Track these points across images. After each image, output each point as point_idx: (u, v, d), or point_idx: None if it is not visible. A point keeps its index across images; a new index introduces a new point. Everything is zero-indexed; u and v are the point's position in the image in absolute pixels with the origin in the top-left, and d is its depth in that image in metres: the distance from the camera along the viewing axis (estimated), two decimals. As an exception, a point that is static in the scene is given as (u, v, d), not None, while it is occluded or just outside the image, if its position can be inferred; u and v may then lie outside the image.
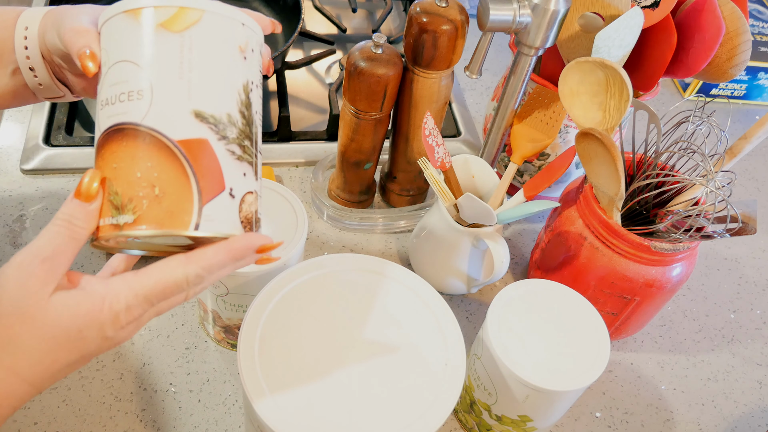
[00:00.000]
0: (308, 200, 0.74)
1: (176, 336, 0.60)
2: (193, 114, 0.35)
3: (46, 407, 0.54)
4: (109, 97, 0.36)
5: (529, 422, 0.51)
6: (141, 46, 0.35)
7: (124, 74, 0.35)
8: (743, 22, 0.57)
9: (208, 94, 0.36)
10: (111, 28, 0.37)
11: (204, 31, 0.36)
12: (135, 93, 0.35)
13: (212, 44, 0.36)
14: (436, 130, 0.59)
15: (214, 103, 0.36)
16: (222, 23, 0.37)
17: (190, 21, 0.35)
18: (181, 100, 0.35)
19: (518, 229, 0.76)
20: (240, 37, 0.38)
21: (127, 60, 0.35)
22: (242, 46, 0.38)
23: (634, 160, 0.60)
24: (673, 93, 1.00)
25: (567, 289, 0.53)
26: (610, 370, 0.65)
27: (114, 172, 0.35)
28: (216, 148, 0.35)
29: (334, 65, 0.91)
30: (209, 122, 0.35)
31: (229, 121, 0.36)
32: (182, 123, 0.35)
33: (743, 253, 0.79)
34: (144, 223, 0.34)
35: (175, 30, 0.35)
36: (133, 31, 0.35)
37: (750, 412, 0.63)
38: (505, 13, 0.55)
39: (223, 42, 0.37)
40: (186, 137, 0.34)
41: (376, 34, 0.60)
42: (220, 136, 0.36)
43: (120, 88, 0.35)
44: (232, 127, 0.36)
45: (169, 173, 0.34)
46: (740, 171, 0.90)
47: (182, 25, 0.35)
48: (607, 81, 0.53)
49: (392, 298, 0.47)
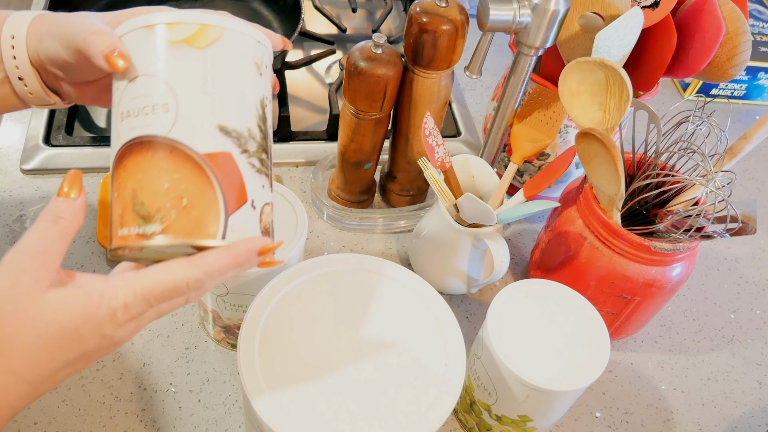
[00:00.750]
0: (308, 200, 0.74)
1: (176, 336, 0.60)
2: (217, 128, 0.36)
3: (46, 407, 0.54)
4: (131, 109, 0.36)
5: (529, 422, 0.51)
6: (165, 61, 0.36)
7: (147, 88, 0.36)
8: (743, 22, 0.57)
9: (230, 108, 0.37)
10: (133, 42, 0.37)
11: (225, 48, 0.37)
12: (160, 107, 0.35)
13: (232, 61, 0.37)
14: (436, 130, 0.59)
15: (236, 118, 0.37)
16: (241, 40, 0.38)
17: (213, 38, 0.36)
18: (205, 114, 0.36)
19: (518, 229, 0.76)
20: (257, 54, 0.39)
21: (150, 74, 0.36)
22: (258, 63, 0.39)
23: (634, 160, 0.60)
24: (673, 93, 1.00)
25: (567, 289, 0.53)
26: (610, 370, 0.65)
27: (139, 183, 0.35)
28: (239, 161, 0.36)
29: (334, 65, 0.91)
30: (232, 136, 0.36)
31: (250, 135, 0.37)
32: (207, 136, 0.36)
33: (743, 253, 0.79)
34: (172, 232, 0.34)
35: (198, 46, 0.36)
36: (157, 45, 0.36)
37: (750, 412, 0.64)
38: (505, 13, 0.55)
39: (242, 58, 0.38)
40: (211, 150, 0.35)
41: (376, 34, 0.60)
42: (242, 150, 0.37)
43: (143, 101, 0.36)
44: (252, 141, 0.37)
45: (196, 185, 0.35)
46: (740, 171, 0.90)
47: (205, 42, 0.36)
48: (607, 81, 0.53)
49: (392, 298, 0.47)
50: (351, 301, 0.47)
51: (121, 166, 0.36)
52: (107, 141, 0.74)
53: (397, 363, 0.44)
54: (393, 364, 0.44)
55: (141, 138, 0.35)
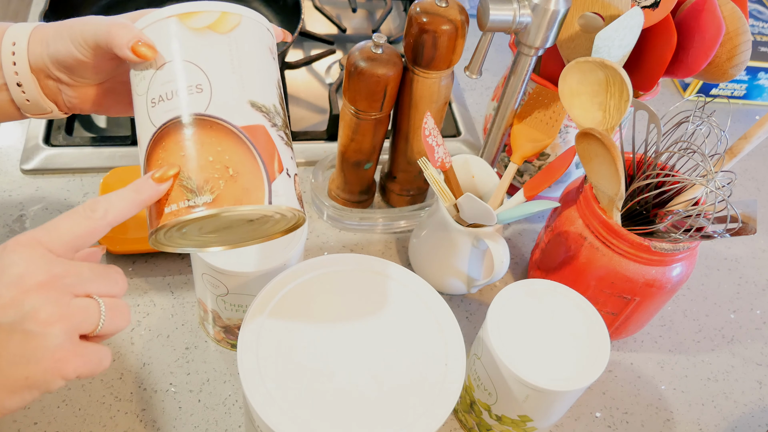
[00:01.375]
0: (308, 200, 0.74)
1: (176, 336, 0.60)
2: (249, 104, 0.38)
3: (46, 407, 0.54)
4: (163, 94, 0.38)
5: (529, 422, 0.51)
6: (194, 46, 0.38)
7: (178, 72, 0.38)
8: (743, 22, 0.57)
9: (257, 86, 0.39)
10: (155, 33, 0.39)
11: (245, 33, 0.40)
12: (194, 87, 0.38)
13: (253, 44, 0.40)
14: (436, 130, 0.59)
15: (263, 95, 0.40)
16: (256, 27, 0.41)
17: (233, 24, 0.39)
18: (237, 91, 0.38)
19: (518, 229, 0.76)
20: (269, 40, 0.42)
21: (180, 60, 0.38)
22: (271, 48, 0.42)
23: (634, 160, 0.60)
24: (673, 93, 1.00)
25: (567, 289, 0.53)
26: (610, 370, 0.65)
27: (183, 159, 0.37)
28: (271, 133, 0.39)
29: (334, 65, 0.91)
30: (262, 111, 0.39)
31: (275, 110, 0.40)
32: (242, 111, 0.38)
33: (743, 253, 0.79)
34: (224, 200, 0.36)
35: (222, 31, 0.39)
36: (184, 33, 0.39)
37: (750, 412, 0.64)
38: (505, 13, 0.55)
39: (259, 42, 0.41)
40: (247, 123, 0.38)
41: (376, 34, 0.60)
42: (272, 124, 0.39)
43: (176, 84, 0.38)
44: (277, 116, 0.40)
45: (239, 156, 0.37)
46: (740, 171, 0.90)
47: (227, 27, 0.39)
48: (607, 81, 0.53)
49: (392, 298, 0.47)
50: (351, 302, 0.47)
51: (159, 147, 0.38)
52: (107, 141, 0.74)
53: (397, 363, 0.44)
54: (393, 364, 0.44)
55: (178, 118, 0.37)
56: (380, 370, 0.43)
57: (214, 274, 0.51)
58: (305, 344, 0.44)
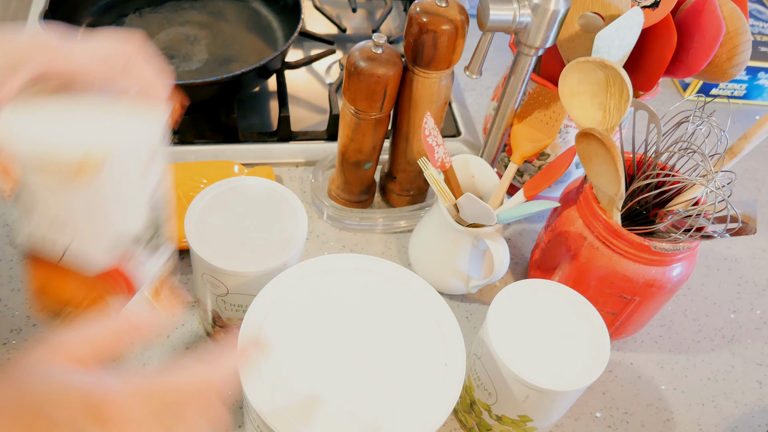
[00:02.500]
0: (308, 200, 0.74)
1: (176, 336, 0.60)
2: (110, 241, 0.38)
3: (46, 407, 0.54)
4: (30, 233, 0.37)
5: (529, 422, 0.51)
6: (55, 198, 0.35)
7: (41, 220, 0.36)
8: (743, 22, 0.57)
9: (121, 222, 0.38)
10: (23, 177, 0.35)
11: (111, 172, 0.35)
12: (51, 234, 0.36)
13: (120, 178, 0.36)
14: (436, 130, 0.59)
15: (127, 228, 0.38)
16: (128, 155, 0.36)
17: (99, 166, 0.35)
18: (99, 234, 0.38)
19: (518, 229, 0.76)
20: (146, 152, 0.37)
21: (40, 207, 0.36)
22: (149, 157, 0.38)
23: (634, 160, 0.60)
24: (673, 93, 1.00)
25: (567, 289, 0.53)
26: (610, 370, 0.65)
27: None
28: (131, 264, 0.40)
29: (334, 65, 0.91)
30: (126, 244, 0.39)
31: (142, 236, 0.40)
32: (101, 254, 0.38)
33: (743, 253, 0.79)
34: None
35: (85, 177, 0.35)
36: (45, 183, 0.35)
37: (750, 412, 0.63)
38: (505, 13, 0.55)
39: (130, 172, 0.37)
40: (106, 265, 0.38)
41: (376, 34, 0.60)
42: (134, 253, 0.40)
43: (40, 230, 0.37)
44: (142, 240, 0.40)
45: (94, 300, 0.40)
46: (740, 171, 0.90)
47: (90, 172, 0.35)
48: (607, 81, 0.53)
49: (392, 298, 0.47)
50: (350, 301, 0.47)
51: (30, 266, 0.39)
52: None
53: (397, 363, 0.44)
54: (393, 364, 0.44)
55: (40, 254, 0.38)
56: (380, 369, 0.43)
57: (214, 274, 0.51)
58: (305, 344, 0.44)
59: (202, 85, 0.70)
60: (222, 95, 0.75)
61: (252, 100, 0.84)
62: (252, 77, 0.74)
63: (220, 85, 0.71)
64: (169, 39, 0.83)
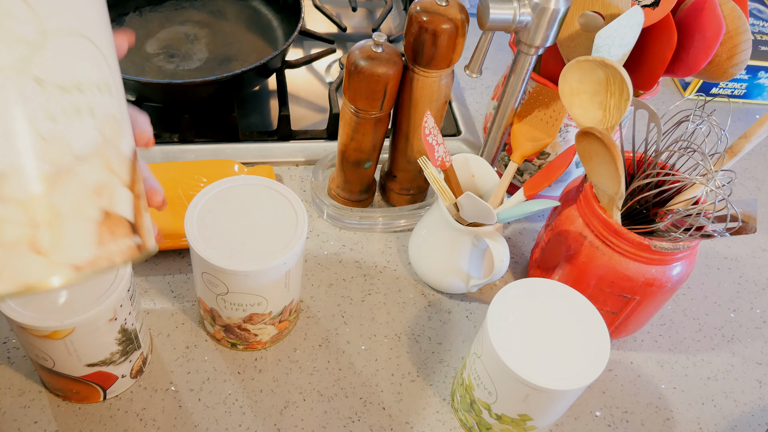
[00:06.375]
0: (308, 199, 0.74)
1: (176, 335, 0.60)
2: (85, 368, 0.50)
3: (46, 406, 0.54)
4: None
5: (529, 421, 0.51)
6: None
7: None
8: (743, 21, 0.57)
9: (92, 358, 0.50)
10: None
11: (79, 332, 0.47)
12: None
13: (90, 334, 0.48)
14: (436, 129, 0.59)
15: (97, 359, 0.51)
16: (93, 322, 0.47)
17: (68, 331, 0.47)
18: (75, 366, 0.50)
19: (518, 228, 0.76)
20: (111, 307, 0.48)
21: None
22: (116, 312, 0.49)
23: (634, 159, 0.60)
24: (673, 92, 1.00)
25: (567, 288, 0.53)
26: (610, 370, 0.65)
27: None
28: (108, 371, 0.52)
29: (334, 64, 0.91)
30: (98, 366, 0.51)
31: (113, 355, 0.51)
32: (80, 371, 0.51)
33: (743, 252, 0.79)
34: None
35: (58, 338, 0.47)
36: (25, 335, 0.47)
37: (750, 411, 0.64)
38: (505, 12, 0.55)
39: (99, 327, 0.48)
40: (85, 374, 0.51)
41: (376, 33, 0.60)
42: (110, 363, 0.52)
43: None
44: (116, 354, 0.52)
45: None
46: (740, 170, 0.90)
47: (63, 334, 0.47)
48: (608, 80, 0.53)
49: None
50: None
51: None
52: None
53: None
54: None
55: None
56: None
57: (214, 273, 0.51)
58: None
59: (202, 84, 0.70)
60: (222, 94, 0.75)
61: (252, 99, 0.84)
62: (252, 76, 0.74)
63: (220, 84, 0.71)
64: (169, 38, 0.83)
